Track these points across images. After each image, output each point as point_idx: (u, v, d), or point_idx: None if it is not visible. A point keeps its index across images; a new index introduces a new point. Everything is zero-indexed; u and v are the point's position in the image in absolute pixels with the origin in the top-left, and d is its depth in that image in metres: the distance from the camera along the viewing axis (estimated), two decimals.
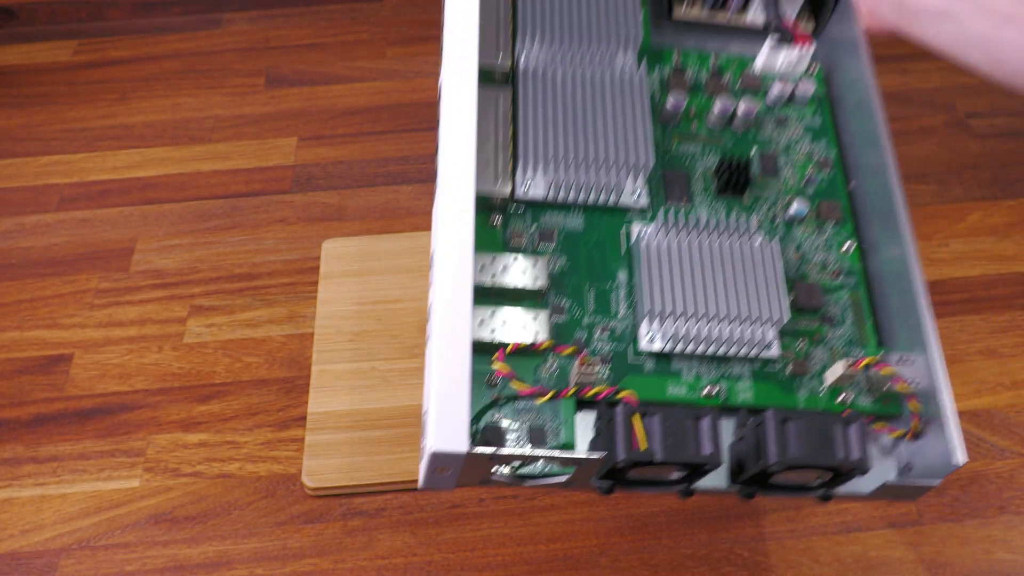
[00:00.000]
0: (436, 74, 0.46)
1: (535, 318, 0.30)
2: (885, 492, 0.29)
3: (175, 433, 0.55)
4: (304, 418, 0.55)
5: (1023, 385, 0.57)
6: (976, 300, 0.62)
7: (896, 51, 0.85)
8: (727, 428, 0.31)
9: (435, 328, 0.27)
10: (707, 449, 0.26)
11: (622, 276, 0.32)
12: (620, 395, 0.29)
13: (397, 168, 0.72)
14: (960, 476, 0.53)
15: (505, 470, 0.28)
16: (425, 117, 0.76)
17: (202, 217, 0.69)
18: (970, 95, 0.77)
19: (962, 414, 0.56)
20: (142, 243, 0.67)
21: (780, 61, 0.36)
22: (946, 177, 0.70)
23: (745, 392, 0.31)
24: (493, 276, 0.30)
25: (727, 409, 0.31)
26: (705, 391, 0.31)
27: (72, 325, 0.62)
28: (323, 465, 0.52)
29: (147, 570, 0.50)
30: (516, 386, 0.29)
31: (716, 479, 0.30)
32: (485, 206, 0.33)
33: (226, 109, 0.78)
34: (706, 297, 0.30)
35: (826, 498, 0.29)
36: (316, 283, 0.63)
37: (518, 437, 0.29)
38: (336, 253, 0.64)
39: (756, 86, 0.37)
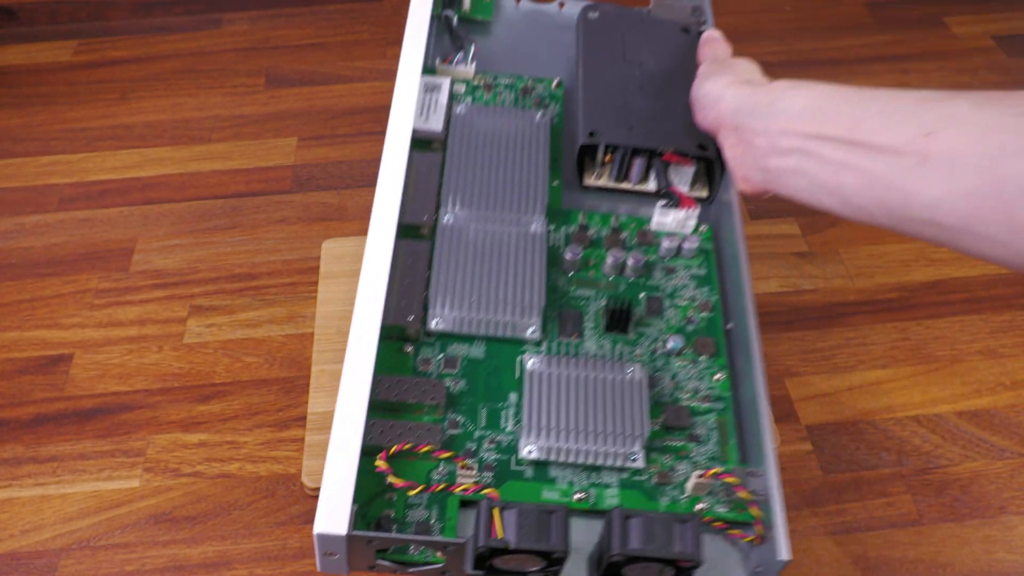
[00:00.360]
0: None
1: (428, 430, 0.35)
2: None
3: (175, 433, 0.56)
4: (304, 418, 0.55)
5: (1023, 385, 0.57)
6: (976, 300, 0.62)
7: (897, 51, 0.85)
8: (596, 530, 0.35)
9: (333, 433, 0.33)
10: (555, 539, 0.31)
11: (513, 397, 0.38)
12: (484, 491, 0.34)
13: None
14: (960, 476, 0.53)
15: (387, 560, 0.33)
16: None
17: (202, 217, 0.69)
18: None
19: (962, 414, 0.56)
20: (142, 243, 0.67)
21: (670, 220, 0.44)
22: None
23: (613, 498, 0.36)
24: (396, 394, 0.36)
25: (598, 513, 0.36)
26: (576, 496, 0.35)
27: (72, 325, 0.62)
28: (323, 465, 0.52)
29: (147, 570, 0.50)
30: (392, 479, 0.33)
31: (578, 574, 0.34)
32: (400, 336, 0.39)
33: (226, 109, 0.78)
34: (578, 414, 0.36)
35: None
36: (316, 283, 0.63)
37: (404, 529, 0.34)
38: (336, 253, 0.64)
39: (650, 241, 0.44)
